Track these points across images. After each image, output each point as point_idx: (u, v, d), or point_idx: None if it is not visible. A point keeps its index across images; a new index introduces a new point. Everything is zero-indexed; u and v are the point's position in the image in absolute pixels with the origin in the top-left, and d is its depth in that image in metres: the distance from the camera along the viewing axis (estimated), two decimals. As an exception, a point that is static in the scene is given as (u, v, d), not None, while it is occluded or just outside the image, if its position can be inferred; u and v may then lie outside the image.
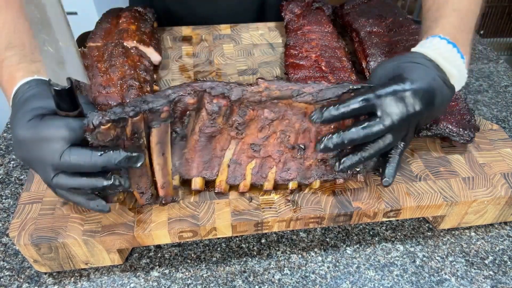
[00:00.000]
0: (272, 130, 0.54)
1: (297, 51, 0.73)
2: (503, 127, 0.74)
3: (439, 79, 0.50)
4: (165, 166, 0.51)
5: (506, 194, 0.55)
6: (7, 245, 0.57)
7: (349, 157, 0.49)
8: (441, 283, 0.54)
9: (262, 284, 0.53)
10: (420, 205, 0.54)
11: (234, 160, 0.53)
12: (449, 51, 0.52)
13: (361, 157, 0.49)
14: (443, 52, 0.52)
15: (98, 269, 0.55)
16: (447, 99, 0.52)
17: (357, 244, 0.58)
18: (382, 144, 0.49)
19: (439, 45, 0.53)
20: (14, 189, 0.64)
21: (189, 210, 0.53)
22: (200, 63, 0.78)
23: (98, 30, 0.76)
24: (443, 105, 0.52)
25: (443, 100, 0.51)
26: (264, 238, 0.59)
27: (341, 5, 0.87)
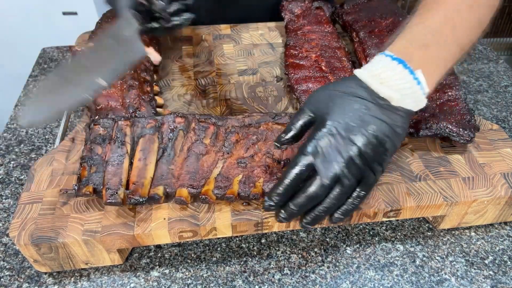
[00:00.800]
0: (257, 149, 0.56)
1: (297, 51, 0.74)
2: (503, 127, 0.74)
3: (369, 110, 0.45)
4: (144, 171, 0.53)
5: (506, 194, 0.55)
6: (7, 245, 0.57)
7: (310, 214, 0.47)
8: (441, 283, 0.54)
9: (262, 284, 0.53)
10: (420, 205, 0.54)
11: (222, 175, 0.54)
12: (392, 69, 0.46)
13: (319, 212, 0.46)
14: (382, 73, 0.46)
15: (98, 269, 0.55)
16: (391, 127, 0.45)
17: (357, 244, 0.58)
18: (333, 198, 0.45)
19: (380, 64, 0.47)
20: (14, 189, 0.64)
21: (189, 210, 0.53)
22: (200, 63, 0.78)
23: (98, 30, 0.76)
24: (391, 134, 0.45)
25: (385, 130, 0.45)
26: (264, 238, 0.59)
27: (341, 5, 0.87)
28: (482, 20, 0.48)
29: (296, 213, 0.46)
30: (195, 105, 0.70)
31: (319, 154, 0.44)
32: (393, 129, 0.45)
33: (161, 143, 0.56)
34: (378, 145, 0.44)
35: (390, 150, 0.46)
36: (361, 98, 0.46)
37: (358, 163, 0.44)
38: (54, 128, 0.74)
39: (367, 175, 0.45)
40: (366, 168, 0.44)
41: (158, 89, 0.70)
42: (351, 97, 0.46)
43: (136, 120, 0.58)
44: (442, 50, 0.47)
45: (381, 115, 0.45)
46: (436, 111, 0.62)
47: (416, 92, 0.46)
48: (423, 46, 0.47)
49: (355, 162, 0.44)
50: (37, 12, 1.47)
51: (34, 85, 0.82)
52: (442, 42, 0.47)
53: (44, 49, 0.92)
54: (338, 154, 0.44)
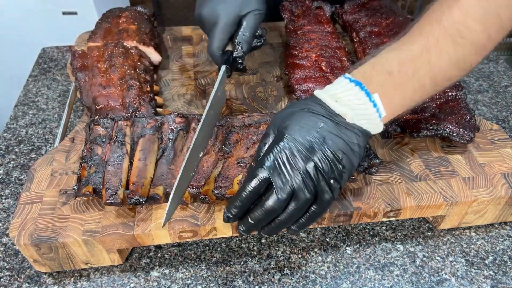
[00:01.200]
0: None
1: (297, 51, 0.73)
2: (503, 127, 0.74)
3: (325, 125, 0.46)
4: (144, 171, 0.53)
5: (506, 194, 0.55)
6: (7, 245, 0.57)
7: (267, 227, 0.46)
8: (441, 283, 0.54)
9: (262, 284, 0.53)
10: (420, 205, 0.54)
11: (222, 175, 0.54)
12: (348, 90, 0.47)
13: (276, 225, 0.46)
14: (338, 93, 0.47)
15: (98, 269, 0.55)
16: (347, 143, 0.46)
17: (357, 244, 0.58)
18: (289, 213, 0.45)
19: (339, 85, 0.48)
20: (14, 189, 0.64)
21: (189, 210, 0.53)
22: (200, 63, 0.78)
23: (98, 30, 0.76)
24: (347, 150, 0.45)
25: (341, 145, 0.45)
26: (264, 238, 0.59)
27: (341, 5, 0.87)
28: (467, 61, 0.46)
29: (253, 226, 0.46)
30: (195, 105, 0.70)
31: (275, 168, 0.44)
32: (349, 146, 0.46)
33: (161, 143, 0.56)
34: (334, 160, 0.45)
35: (347, 167, 0.46)
36: (317, 114, 0.47)
37: (314, 178, 0.44)
38: (54, 128, 0.74)
39: (323, 192, 0.44)
40: (323, 184, 0.44)
41: (158, 89, 0.70)
42: (308, 113, 0.47)
43: (136, 120, 0.58)
44: (409, 80, 0.46)
45: (337, 130, 0.46)
46: (436, 111, 0.62)
47: (372, 115, 0.46)
48: (387, 72, 0.47)
49: (311, 177, 0.44)
50: (37, 12, 1.47)
51: (34, 85, 0.83)
52: (411, 72, 0.46)
53: (44, 49, 0.92)
54: (294, 169, 0.44)
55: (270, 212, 0.44)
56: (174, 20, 2.31)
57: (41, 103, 0.79)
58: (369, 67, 0.48)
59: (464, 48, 0.45)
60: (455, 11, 0.44)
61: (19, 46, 1.53)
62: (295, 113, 0.47)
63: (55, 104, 0.78)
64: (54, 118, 0.76)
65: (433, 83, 0.47)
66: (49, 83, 0.83)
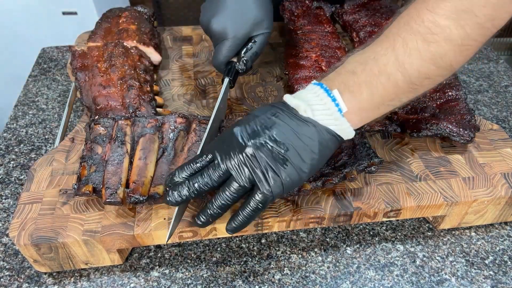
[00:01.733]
0: None
1: (297, 51, 0.73)
2: (503, 127, 0.74)
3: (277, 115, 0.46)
4: (144, 170, 0.53)
5: (506, 194, 0.55)
6: (7, 245, 0.57)
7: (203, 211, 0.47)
8: (441, 283, 0.54)
9: (262, 284, 0.53)
10: (420, 205, 0.54)
11: None
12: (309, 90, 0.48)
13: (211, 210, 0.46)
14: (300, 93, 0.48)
15: (98, 269, 0.55)
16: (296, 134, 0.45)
17: (357, 244, 0.58)
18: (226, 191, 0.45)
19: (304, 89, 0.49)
20: (14, 189, 0.64)
21: (190, 210, 0.53)
22: (200, 63, 0.78)
23: (98, 30, 0.76)
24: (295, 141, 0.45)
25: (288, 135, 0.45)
26: (264, 238, 0.59)
27: (341, 5, 0.87)
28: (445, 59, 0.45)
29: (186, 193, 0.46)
30: (195, 105, 0.70)
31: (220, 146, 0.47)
32: (299, 137, 0.45)
33: (161, 143, 0.56)
34: (277, 149, 0.45)
35: (293, 161, 0.45)
36: (273, 107, 0.48)
37: (250, 163, 0.44)
38: (54, 128, 0.74)
39: (259, 180, 0.44)
40: (259, 172, 0.44)
41: (158, 89, 0.70)
42: (266, 106, 0.49)
43: (136, 119, 0.58)
44: (375, 77, 0.46)
45: (288, 120, 0.46)
46: (436, 111, 0.62)
47: (331, 109, 0.46)
48: (350, 72, 0.47)
49: (247, 160, 0.44)
50: (37, 12, 1.47)
51: (34, 85, 0.82)
52: (376, 69, 0.45)
53: (44, 49, 0.92)
54: (233, 149, 0.45)
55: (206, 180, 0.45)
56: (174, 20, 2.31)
57: (41, 103, 0.79)
58: (333, 72, 0.49)
59: (438, 44, 0.44)
60: (423, 12, 0.44)
61: (19, 46, 1.53)
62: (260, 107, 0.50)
63: (55, 104, 0.78)
64: (54, 118, 0.76)
65: (407, 80, 0.45)
66: (49, 83, 0.83)
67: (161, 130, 0.57)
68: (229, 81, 0.61)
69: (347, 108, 0.46)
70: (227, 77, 0.61)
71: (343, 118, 0.46)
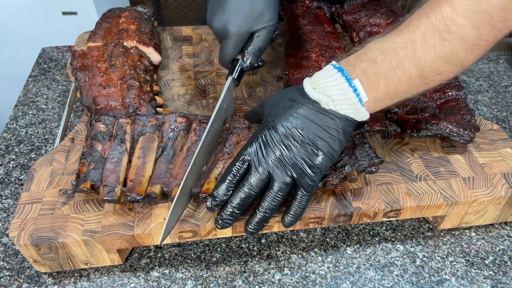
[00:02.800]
0: None
1: (297, 51, 0.73)
2: (503, 127, 0.74)
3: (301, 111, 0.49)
4: (142, 169, 0.53)
5: (506, 194, 0.55)
6: (7, 245, 0.57)
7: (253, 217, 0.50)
8: (441, 283, 0.54)
9: (262, 284, 0.53)
10: (420, 205, 0.54)
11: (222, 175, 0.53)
12: (329, 76, 0.49)
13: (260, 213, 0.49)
14: (320, 79, 0.49)
15: (98, 269, 0.55)
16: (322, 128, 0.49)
17: (357, 244, 0.58)
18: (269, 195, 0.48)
19: (323, 72, 0.50)
20: (14, 189, 0.64)
21: (189, 211, 0.53)
22: (200, 63, 0.78)
23: (98, 30, 0.76)
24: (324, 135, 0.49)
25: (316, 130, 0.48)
26: (264, 238, 0.59)
27: (341, 5, 0.87)
28: (457, 57, 0.46)
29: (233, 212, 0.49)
30: (195, 105, 0.70)
31: (256, 151, 0.49)
32: (325, 130, 0.49)
33: (160, 142, 0.56)
34: (308, 144, 0.48)
35: (324, 150, 0.48)
36: (296, 102, 0.50)
37: (288, 161, 0.48)
38: (54, 128, 0.74)
39: (301, 175, 0.48)
40: (299, 166, 0.48)
41: (158, 89, 0.70)
42: (289, 101, 0.51)
43: (137, 118, 0.58)
44: (393, 69, 0.47)
45: (312, 116, 0.49)
46: (436, 111, 0.62)
47: (352, 99, 0.48)
48: (370, 61, 0.48)
49: (285, 159, 0.48)
50: (37, 12, 1.47)
51: (33, 85, 0.82)
52: (394, 62, 0.47)
53: (44, 49, 0.92)
54: (269, 151, 0.48)
55: (249, 190, 0.48)
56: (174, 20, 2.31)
57: (41, 103, 0.79)
58: (354, 56, 0.50)
59: (452, 43, 0.45)
60: (444, 7, 0.45)
61: (19, 46, 1.53)
62: (279, 100, 0.52)
63: (55, 104, 0.78)
64: (54, 118, 0.76)
65: (420, 75, 0.47)
66: (49, 83, 0.83)
67: (161, 129, 0.57)
68: (233, 79, 0.61)
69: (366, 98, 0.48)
70: (230, 76, 0.61)
71: (362, 107, 0.49)
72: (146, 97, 0.64)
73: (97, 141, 0.56)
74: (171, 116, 0.58)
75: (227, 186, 0.49)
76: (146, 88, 0.66)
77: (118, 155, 0.54)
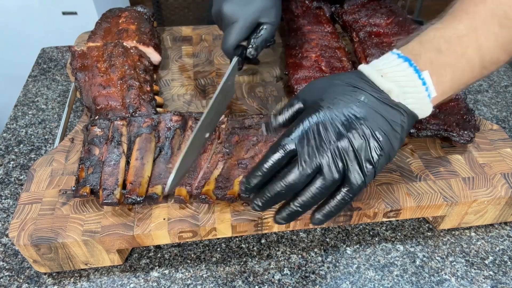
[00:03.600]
0: (257, 150, 0.56)
1: (297, 51, 0.73)
2: (503, 127, 0.74)
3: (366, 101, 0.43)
4: (141, 170, 0.53)
5: (506, 194, 0.55)
6: (7, 245, 0.57)
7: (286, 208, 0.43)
8: (441, 283, 0.54)
9: (262, 284, 0.53)
10: (420, 205, 0.54)
11: (222, 176, 0.54)
12: (396, 65, 0.44)
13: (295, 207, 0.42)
14: (385, 68, 0.44)
15: (97, 269, 0.55)
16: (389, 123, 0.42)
17: (357, 244, 0.58)
18: (312, 191, 0.41)
19: (386, 60, 0.45)
20: (13, 189, 0.64)
21: (189, 211, 0.53)
22: (200, 63, 0.78)
23: (98, 30, 0.76)
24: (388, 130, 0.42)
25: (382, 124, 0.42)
26: (264, 238, 0.59)
27: (341, 5, 0.87)
28: None
29: (270, 201, 0.42)
30: (195, 105, 0.70)
31: (303, 139, 0.41)
32: (391, 125, 0.42)
33: (158, 142, 0.56)
34: (372, 139, 0.41)
35: (385, 149, 0.42)
36: (359, 88, 0.43)
37: (345, 157, 0.41)
38: (54, 128, 0.74)
39: (354, 173, 0.41)
40: (355, 164, 0.41)
41: (158, 89, 0.70)
42: (348, 87, 0.44)
43: (132, 119, 0.58)
44: (458, 59, 0.44)
45: (379, 107, 0.42)
46: (436, 111, 0.62)
47: (421, 93, 0.43)
48: (436, 50, 0.44)
49: (342, 154, 0.41)
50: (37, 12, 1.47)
51: (33, 85, 0.82)
52: (459, 51, 0.44)
53: (44, 49, 0.92)
54: (324, 143, 0.41)
55: (290, 186, 0.41)
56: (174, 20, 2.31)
57: (40, 103, 0.79)
58: (417, 44, 0.45)
59: (509, 30, 0.43)
60: None
61: (19, 46, 1.53)
62: (335, 85, 0.44)
63: (55, 104, 0.78)
64: (53, 118, 0.76)
65: (481, 65, 0.45)
66: (49, 83, 0.83)
67: (157, 129, 0.57)
68: (238, 61, 0.60)
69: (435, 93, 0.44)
70: (236, 56, 0.61)
71: (430, 103, 0.44)
72: (146, 97, 0.64)
73: (94, 146, 0.56)
74: (166, 115, 0.58)
75: (263, 176, 0.42)
76: (146, 88, 0.66)
77: (116, 158, 0.54)
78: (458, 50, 0.44)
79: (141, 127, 0.57)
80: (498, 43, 0.44)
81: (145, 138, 0.56)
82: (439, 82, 0.44)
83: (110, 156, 0.54)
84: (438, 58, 0.44)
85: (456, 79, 0.45)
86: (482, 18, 0.44)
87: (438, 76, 0.44)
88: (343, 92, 0.43)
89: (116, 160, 0.54)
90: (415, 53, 0.44)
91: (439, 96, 0.45)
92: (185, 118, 0.59)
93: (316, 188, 0.41)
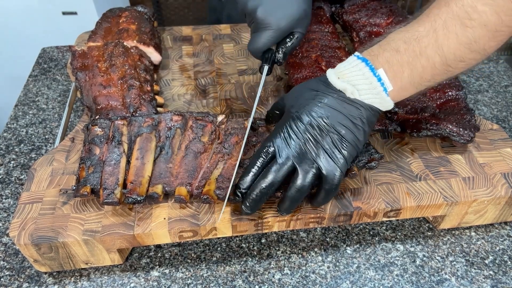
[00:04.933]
0: None
1: (297, 50, 0.73)
2: (503, 127, 0.74)
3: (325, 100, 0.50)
4: (141, 169, 0.53)
5: (506, 194, 0.55)
6: (7, 244, 0.57)
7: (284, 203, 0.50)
8: (441, 283, 0.54)
9: (262, 284, 0.53)
10: (420, 205, 0.54)
11: (222, 176, 0.54)
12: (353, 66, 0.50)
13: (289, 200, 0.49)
14: (343, 70, 0.51)
15: (98, 268, 0.55)
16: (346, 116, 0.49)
17: (357, 244, 0.58)
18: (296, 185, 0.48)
19: (347, 62, 0.51)
20: (14, 189, 0.64)
21: (189, 210, 0.53)
22: (200, 62, 0.78)
23: (98, 29, 0.76)
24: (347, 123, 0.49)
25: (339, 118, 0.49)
26: (264, 238, 0.59)
27: (341, 5, 0.87)
28: (479, 43, 0.46)
29: (257, 199, 0.49)
30: (195, 105, 0.70)
31: (279, 140, 0.50)
32: (350, 119, 0.49)
33: (158, 142, 0.56)
34: (333, 133, 0.49)
35: (349, 139, 0.49)
36: (320, 92, 0.51)
37: (313, 150, 0.48)
38: (54, 128, 0.74)
39: (324, 161, 0.48)
40: (324, 156, 0.48)
41: (158, 89, 0.70)
42: (312, 92, 0.52)
43: (133, 119, 0.58)
44: (416, 58, 0.48)
45: (337, 106, 0.50)
46: (436, 111, 0.62)
47: (376, 88, 0.49)
48: (394, 50, 0.49)
49: (310, 148, 0.48)
50: (37, 12, 1.47)
51: (34, 85, 0.83)
52: (418, 50, 0.48)
53: (44, 49, 0.92)
54: (294, 141, 0.49)
55: (271, 182, 0.48)
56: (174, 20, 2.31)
57: (41, 103, 0.79)
58: (376, 46, 0.51)
59: (474, 30, 0.46)
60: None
61: (19, 46, 1.53)
62: (303, 92, 0.53)
63: (55, 104, 0.78)
64: (54, 118, 0.76)
65: (443, 62, 0.48)
66: (49, 83, 0.83)
67: (158, 129, 0.57)
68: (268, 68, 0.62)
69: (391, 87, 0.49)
70: (266, 65, 0.61)
71: (387, 96, 0.49)
72: (146, 97, 0.64)
73: (94, 145, 0.56)
74: (167, 115, 0.59)
75: (252, 179, 0.49)
76: (146, 87, 0.66)
77: (116, 157, 0.54)
78: (417, 49, 0.48)
79: (141, 127, 0.57)
80: (461, 42, 0.46)
81: (145, 137, 0.56)
82: (396, 78, 0.49)
83: (110, 155, 0.54)
84: (395, 57, 0.49)
85: (415, 75, 0.49)
86: (443, 20, 0.47)
87: (395, 72, 0.49)
88: (308, 97, 0.51)
89: (117, 160, 0.54)
90: (373, 54, 0.50)
91: (399, 89, 0.50)
92: (185, 117, 0.59)
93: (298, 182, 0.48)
